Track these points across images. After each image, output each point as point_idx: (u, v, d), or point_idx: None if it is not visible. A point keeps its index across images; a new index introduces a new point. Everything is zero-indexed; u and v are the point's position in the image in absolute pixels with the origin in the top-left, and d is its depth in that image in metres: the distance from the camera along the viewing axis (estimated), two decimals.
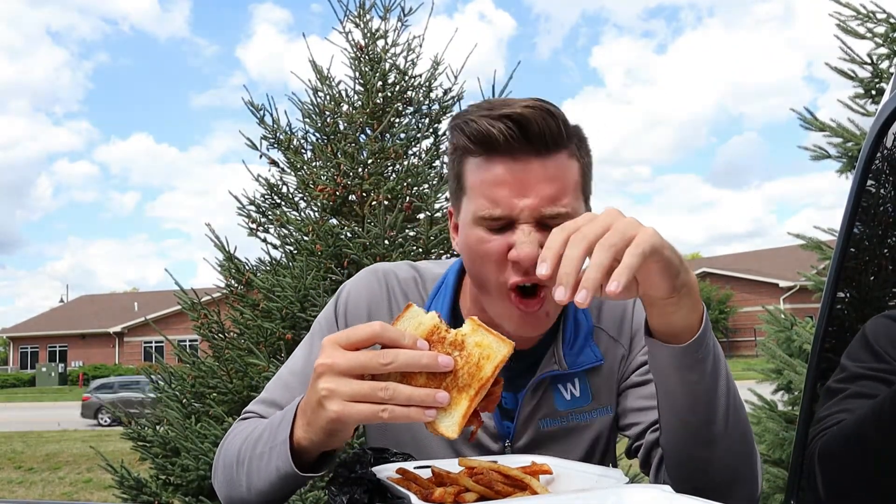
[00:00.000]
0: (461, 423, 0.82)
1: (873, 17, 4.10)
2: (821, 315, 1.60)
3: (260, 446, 0.99)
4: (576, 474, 0.95)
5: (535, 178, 0.97)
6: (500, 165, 0.98)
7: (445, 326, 0.86)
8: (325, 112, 4.55)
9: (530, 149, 0.97)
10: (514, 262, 0.99)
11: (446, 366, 0.81)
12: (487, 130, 0.96)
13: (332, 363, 0.83)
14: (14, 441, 14.53)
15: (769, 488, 4.17)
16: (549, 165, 0.98)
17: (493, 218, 0.99)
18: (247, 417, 1.19)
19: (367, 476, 0.92)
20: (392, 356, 0.81)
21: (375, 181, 4.28)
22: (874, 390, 1.26)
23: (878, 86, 4.13)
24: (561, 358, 1.13)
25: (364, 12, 4.71)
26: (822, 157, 4.29)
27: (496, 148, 0.97)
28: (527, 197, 0.97)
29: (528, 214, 0.98)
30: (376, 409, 0.80)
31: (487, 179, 0.99)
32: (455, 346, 0.84)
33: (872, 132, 1.49)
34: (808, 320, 4.38)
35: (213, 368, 4.12)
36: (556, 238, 0.81)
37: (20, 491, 10.61)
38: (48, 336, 44.78)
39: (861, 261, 1.73)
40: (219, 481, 1.11)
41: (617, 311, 1.21)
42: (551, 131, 0.97)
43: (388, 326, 0.84)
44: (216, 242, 4.37)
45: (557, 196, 0.98)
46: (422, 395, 0.80)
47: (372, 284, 1.22)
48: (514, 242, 0.98)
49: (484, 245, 1.01)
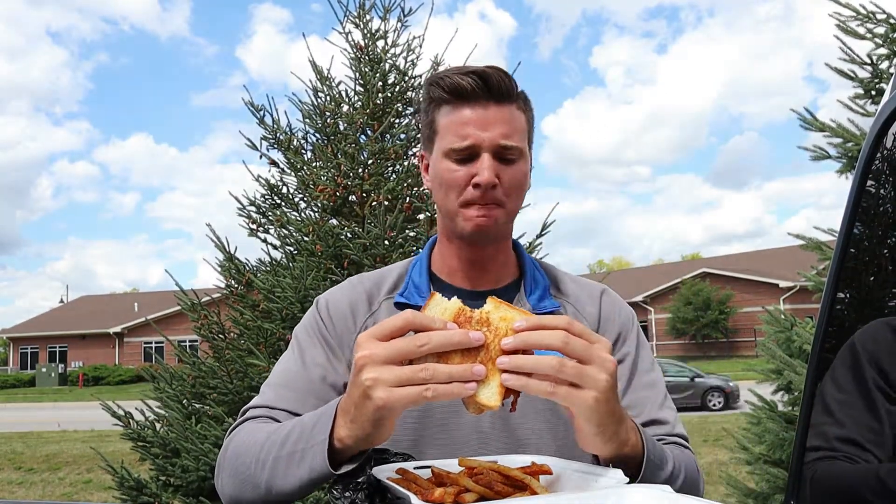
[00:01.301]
0: (500, 391, 0.86)
1: (873, 17, 4.10)
2: (821, 315, 1.60)
3: (289, 446, 1.00)
4: (576, 475, 0.95)
5: (494, 118, 1.19)
6: (468, 109, 1.19)
7: (469, 308, 0.91)
8: (326, 112, 4.56)
9: (490, 97, 1.19)
10: (476, 185, 1.18)
11: (478, 340, 0.87)
12: (458, 83, 1.19)
13: (371, 353, 0.87)
14: (14, 442, 14.53)
15: (769, 488, 4.17)
16: (504, 110, 1.20)
17: (461, 149, 1.19)
18: (253, 416, 1.19)
19: (368, 477, 0.92)
20: (426, 338, 0.86)
21: (376, 182, 4.28)
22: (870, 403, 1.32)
23: (878, 86, 4.13)
24: (525, 303, 1.27)
25: (364, 13, 4.71)
26: (821, 158, 4.29)
27: (464, 96, 1.19)
28: (488, 131, 1.18)
29: (489, 145, 1.18)
30: (420, 389, 0.85)
31: (456, 120, 1.20)
32: (482, 323, 0.89)
33: (872, 132, 1.49)
34: (808, 321, 4.38)
35: (213, 369, 4.12)
36: (552, 336, 0.87)
37: (20, 491, 10.61)
38: (48, 336, 44.76)
39: (861, 261, 1.73)
40: (225, 482, 1.11)
41: (581, 293, 1.34)
42: (506, 85, 1.20)
43: (418, 313, 0.89)
44: (216, 243, 4.37)
45: (510, 133, 1.19)
46: (460, 371, 0.85)
47: (346, 288, 1.33)
48: (477, 170, 1.18)
49: (452, 174, 1.20)
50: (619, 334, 1.29)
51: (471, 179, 1.19)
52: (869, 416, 1.38)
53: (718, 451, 10.29)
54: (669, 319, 39.98)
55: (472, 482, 0.86)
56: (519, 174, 1.22)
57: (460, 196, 1.20)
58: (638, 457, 0.99)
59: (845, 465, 1.34)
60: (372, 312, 1.28)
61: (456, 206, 1.21)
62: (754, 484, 4.45)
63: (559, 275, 1.37)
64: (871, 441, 1.36)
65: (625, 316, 1.32)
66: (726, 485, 4.58)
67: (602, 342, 0.91)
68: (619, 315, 1.31)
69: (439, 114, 1.23)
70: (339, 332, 1.26)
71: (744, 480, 4.67)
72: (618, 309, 1.32)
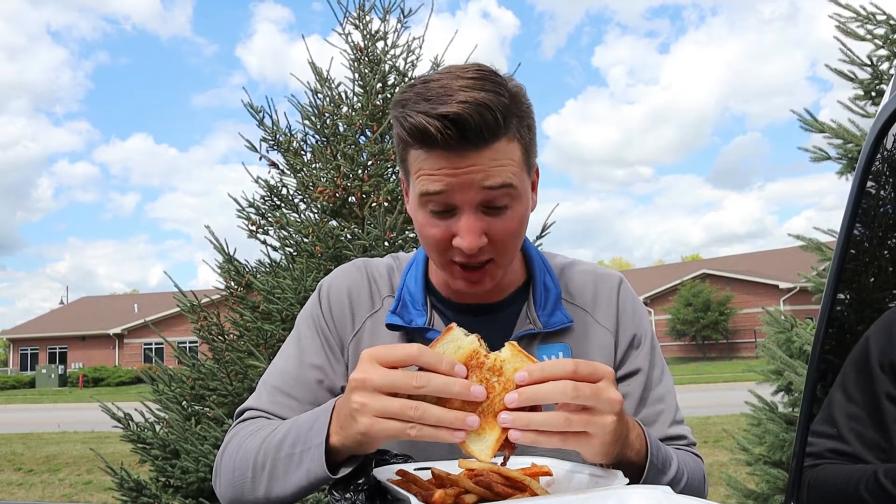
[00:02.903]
0: (494, 447, 0.82)
1: (873, 18, 4.10)
2: (821, 316, 1.59)
3: (286, 449, 0.98)
4: (576, 476, 0.95)
5: (475, 168, 0.99)
6: (438, 157, 1.00)
7: (485, 351, 0.86)
8: (325, 114, 4.55)
9: (468, 144, 0.98)
10: (458, 248, 1.03)
11: (477, 396, 0.82)
12: (425, 128, 0.97)
13: (366, 378, 0.85)
14: (14, 443, 14.51)
15: (769, 489, 4.17)
16: (486, 156, 1.00)
17: (433, 196, 1.02)
18: (251, 417, 1.18)
19: (368, 478, 0.92)
20: (425, 380, 0.82)
21: (375, 183, 4.28)
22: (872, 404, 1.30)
23: (878, 87, 4.13)
24: (535, 318, 1.17)
25: (364, 14, 4.71)
26: (822, 159, 4.29)
27: (433, 144, 0.99)
28: (465, 185, 1.00)
29: (468, 200, 1.01)
30: (404, 426, 0.82)
31: (427, 166, 1.01)
32: (493, 371, 0.85)
33: (872, 133, 1.49)
34: (808, 322, 4.38)
35: (212, 370, 4.12)
36: (557, 387, 0.83)
37: (20, 492, 10.59)
38: (48, 338, 44.75)
39: (861, 262, 1.73)
40: (223, 486, 1.10)
41: (596, 295, 1.24)
42: (488, 125, 0.98)
43: (427, 349, 0.85)
44: (216, 244, 4.37)
45: (497, 181, 1.01)
46: (451, 418, 0.81)
47: (351, 273, 1.25)
48: (458, 231, 1.02)
49: (429, 229, 1.05)
50: (634, 337, 1.23)
51: (452, 238, 1.04)
52: (877, 434, 1.32)
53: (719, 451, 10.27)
54: (669, 321, 39.95)
55: (472, 483, 0.85)
56: (512, 223, 1.05)
57: (444, 255, 1.07)
58: (642, 462, 0.98)
59: (845, 467, 1.33)
60: (374, 312, 1.22)
61: (441, 262, 1.09)
62: (754, 485, 4.45)
63: (573, 274, 1.26)
64: (878, 459, 1.31)
65: (639, 317, 1.25)
66: (726, 485, 4.58)
67: (607, 377, 0.87)
68: (634, 317, 1.24)
69: (409, 154, 1.05)
70: (339, 330, 1.21)
71: (744, 481, 4.67)
72: (632, 310, 1.24)
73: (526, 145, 1.06)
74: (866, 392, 1.35)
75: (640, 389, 1.20)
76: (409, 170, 1.06)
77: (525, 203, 1.07)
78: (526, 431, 0.82)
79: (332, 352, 1.21)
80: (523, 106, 1.06)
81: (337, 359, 1.21)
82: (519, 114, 1.04)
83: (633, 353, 1.22)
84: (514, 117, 1.03)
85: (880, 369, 1.34)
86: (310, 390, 1.18)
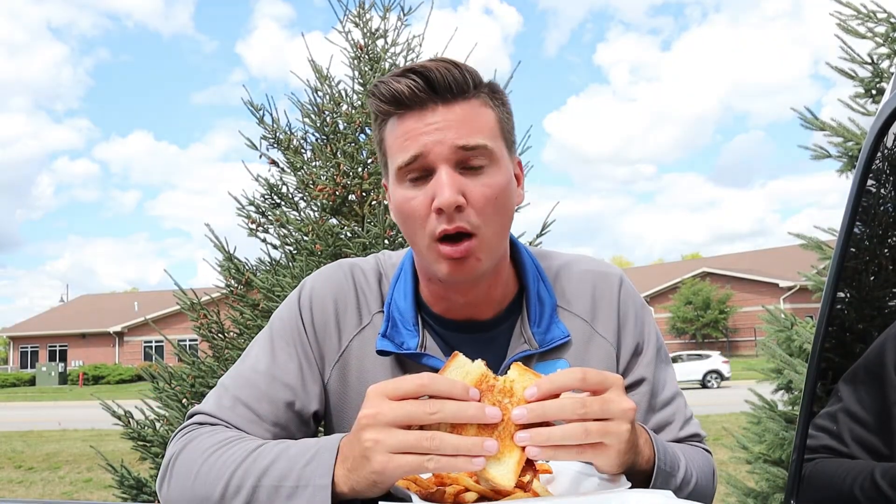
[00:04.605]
0: (516, 470, 0.80)
1: (874, 16, 4.10)
2: (821, 315, 1.59)
3: (274, 478, 0.89)
4: (576, 475, 0.95)
5: (444, 120, 0.98)
6: (411, 118, 1.00)
7: (493, 374, 0.85)
8: (325, 112, 4.55)
9: (437, 98, 0.99)
10: (437, 211, 0.98)
11: (494, 418, 0.80)
12: (396, 88, 0.99)
13: (376, 413, 0.82)
14: (14, 440, 14.52)
15: (769, 488, 4.17)
16: (456, 109, 0.99)
17: (409, 164, 1.00)
18: (209, 423, 1.07)
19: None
20: (438, 406, 0.80)
21: (375, 181, 4.28)
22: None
23: (879, 85, 4.13)
24: (530, 337, 1.11)
25: (364, 12, 4.70)
26: (822, 157, 4.28)
27: (405, 103, 0.99)
28: (440, 144, 0.98)
29: (442, 152, 0.98)
30: (421, 459, 0.79)
31: (401, 133, 1.01)
32: (505, 393, 0.83)
33: (872, 132, 1.49)
34: (808, 320, 4.38)
35: (212, 368, 4.12)
36: (562, 405, 0.82)
37: (20, 490, 10.60)
38: (48, 335, 44.76)
39: (861, 261, 1.73)
40: (174, 490, 0.99)
41: (596, 301, 1.17)
42: (455, 80, 0.99)
43: (437, 377, 0.82)
44: (216, 242, 4.37)
45: (469, 133, 0.99)
46: (468, 445, 0.78)
47: (338, 277, 1.16)
48: (436, 191, 0.98)
49: (409, 203, 1.01)
50: (637, 345, 1.18)
51: (431, 203, 0.99)
52: (879, 439, 1.26)
53: (718, 450, 10.28)
54: (669, 319, 39.97)
55: (472, 482, 0.85)
56: (489, 189, 1.00)
57: (425, 228, 1.01)
58: (650, 468, 0.96)
59: (846, 464, 1.32)
60: (361, 329, 1.13)
61: (425, 243, 1.02)
62: (754, 483, 4.45)
63: (570, 277, 1.18)
64: (877, 461, 1.27)
65: (641, 321, 1.19)
66: (726, 484, 4.58)
67: (616, 385, 0.86)
68: (636, 321, 1.18)
69: (386, 131, 1.04)
70: (322, 345, 1.12)
71: (744, 480, 4.67)
72: (633, 314, 1.18)
73: (502, 122, 1.05)
74: (876, 396, 1.33)
75: (647, 398, 1.16)
76: (387, 152, 1.05)
77: (505, 174, 1.03)
78: (545, 448, 0.80)
79: (310, 369, 1.11)
80: (499, 90, 1.06)
81: (314, 378, 1.11)
82: (494, 90, 1.05)
83: (636, 361, 1.18)
84: (488, 88, 1.03)
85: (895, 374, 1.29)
86: (276, 410, 1.08)
